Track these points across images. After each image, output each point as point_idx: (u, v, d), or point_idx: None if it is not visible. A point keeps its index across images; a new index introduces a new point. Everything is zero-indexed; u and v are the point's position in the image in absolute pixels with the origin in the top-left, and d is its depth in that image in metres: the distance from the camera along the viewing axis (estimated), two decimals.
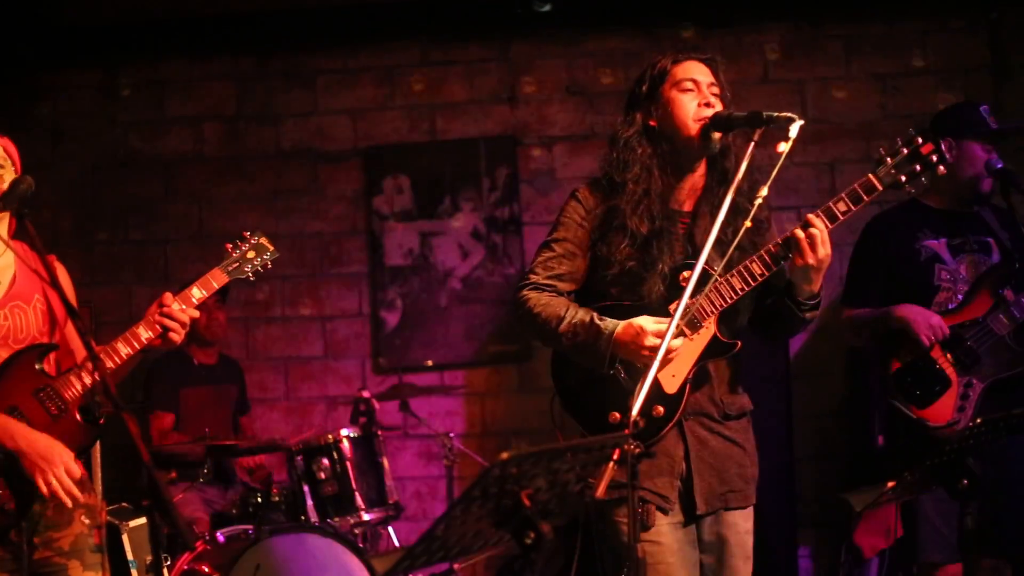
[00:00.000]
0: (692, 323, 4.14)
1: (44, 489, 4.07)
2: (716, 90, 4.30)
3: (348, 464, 6.96)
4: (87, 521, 4.35)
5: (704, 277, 4.05)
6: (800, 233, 4.06)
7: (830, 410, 7.96)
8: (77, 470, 4.14)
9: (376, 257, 8.34)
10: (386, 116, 8.45)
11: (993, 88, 8.03)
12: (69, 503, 4.13)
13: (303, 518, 6.84)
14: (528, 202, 8.33)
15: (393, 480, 7.23)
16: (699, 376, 4.24)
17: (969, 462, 4.16)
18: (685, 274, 4.15)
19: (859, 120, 8.15)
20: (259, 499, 6.95)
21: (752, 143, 3.96)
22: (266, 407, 8.31)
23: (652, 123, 4.30)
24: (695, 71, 4.30)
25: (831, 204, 4.12)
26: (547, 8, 8.00)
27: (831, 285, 6.12)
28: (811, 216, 4.07)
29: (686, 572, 4.20)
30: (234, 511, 6.99)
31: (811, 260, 4.06)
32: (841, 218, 4.11)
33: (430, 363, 8.26)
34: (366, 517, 6.93)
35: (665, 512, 4.20)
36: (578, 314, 4.21)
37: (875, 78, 8.22)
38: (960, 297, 5.41)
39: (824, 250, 4.07)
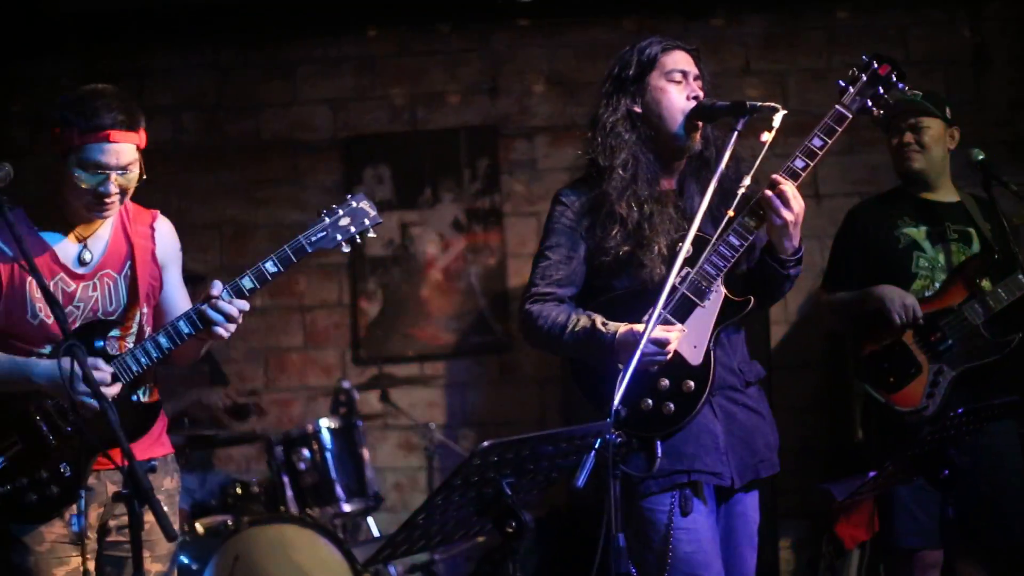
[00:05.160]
0: (699, 291, 4.10)
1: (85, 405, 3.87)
2: (699, 83, 4.30)
3: (328, 455, 6.94)
4: (165, 509, 4.22)
5: (700, 244, 4.04)
6: (768, 192, 4.03)
7: (811, 402, 7.96)
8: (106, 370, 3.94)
9: (356, 248, 8.29)
10: (366, 106, 8.42)
11: (974, 80, 8.04)
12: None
13: (282, 509, 6.82)
14: (509, 193, 8.31)
15: (373, 471, 7.22)
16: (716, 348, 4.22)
17: (951, 452, 4.17)
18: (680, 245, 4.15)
19: None
20: (238, 490, 6.93)
21: (735, 132, 3.97)
22: (245, 397, 8.29)
23: (636, 109, 4.28)
24: (684, 62, 4.29)
25: (806, 143, 4.10)
26: None
27: (811, 276, 6.12)
28: (775, 177, 4.04)
29: (718, 561, 4.20)
30: (213, 502, 6.97)
31: (787, 216, 4.03)
32: (820, 154, 4.09)
33: (411, 353, 8.24)
34: (346, 508, 6.92)
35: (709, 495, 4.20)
36: (580, 321, 4.17)
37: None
38: (937, 285, 5.43)
39: (797, 203, 4.04)
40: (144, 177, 4.18)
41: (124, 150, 4.05)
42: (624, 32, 8.25)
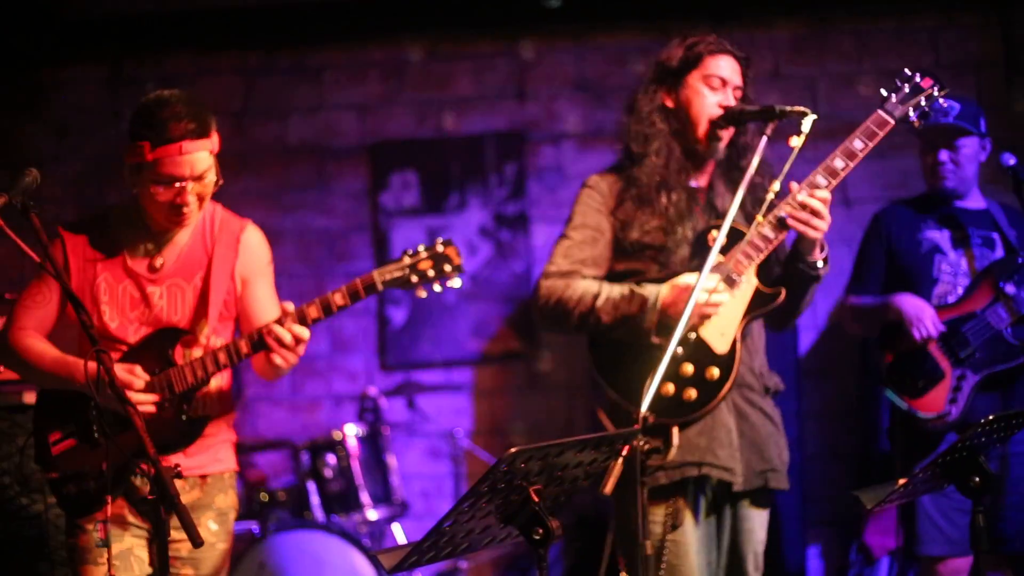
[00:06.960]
0: (731, 281, 4.07)
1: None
2: (739, 93, 4.29)
3: (354, 462, 6.94)
4: (214, 527, 4.20)
5: (734, 236, 4.02)
6: (800, 213, 4.07)
7: (840, 409, 7.92)
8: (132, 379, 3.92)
9: (383, 253, 8.30)
10: (393, 111, 8.41)
11: (1005, 85, 7.98)
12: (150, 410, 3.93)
13: (308, 516, 6.81)
14: (536, 198, 8.29)
15: (399, 478, 7.20)
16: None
17: (981, 459, 4.14)
18: (713, 233, 4.14)
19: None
20: (264, 496, 6.93)
21: (764, 136, 3.95)
22: (271, 404, 8.27)
23: (669, 104, 4.27)
24: (726, 69, 4.29)
25: (847, 143, 4.12)
26: (556, 3, 7.95)
27: (841, 283, 6.09)
28: (816, 179, 4.12)
29: (700, 573, 4.17)
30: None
31: (820, 229, 4.10)
32: (860, 155, 4.10)
33: (437, 360, 8.22)
34: (372, 515, 6.91)
35: (730, 484, 4.20)
36: (614, 288, 4.14)
37: (886, 74, 8.13)
38: (960, 291, 5.42)
39: (827, 215, 4.11)
40: (220, 182, 4.10)
41: (197, 159, 3.96)
42: (652, 37, 8.22)
